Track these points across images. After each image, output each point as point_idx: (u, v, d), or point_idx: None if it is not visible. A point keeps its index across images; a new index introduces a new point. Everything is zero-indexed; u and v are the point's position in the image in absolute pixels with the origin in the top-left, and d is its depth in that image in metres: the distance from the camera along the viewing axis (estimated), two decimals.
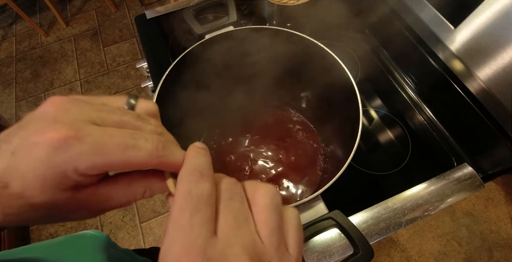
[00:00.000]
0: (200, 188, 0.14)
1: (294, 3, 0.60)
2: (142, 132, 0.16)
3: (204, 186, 0.15)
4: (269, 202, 0.16)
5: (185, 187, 0.14)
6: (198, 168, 0.15)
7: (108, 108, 0.16)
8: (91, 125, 0.14)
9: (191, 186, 0.14)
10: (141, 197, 0.17)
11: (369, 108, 0.59)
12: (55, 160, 0.13)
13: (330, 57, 0.41)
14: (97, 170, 0.14)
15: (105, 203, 0.16)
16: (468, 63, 0.44)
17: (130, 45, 1.70)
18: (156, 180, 0.17)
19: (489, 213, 1.15)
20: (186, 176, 0.15)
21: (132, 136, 0.15)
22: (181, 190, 0.14)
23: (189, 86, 0.45)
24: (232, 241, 0.14)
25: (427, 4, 0.48)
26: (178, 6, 0.73)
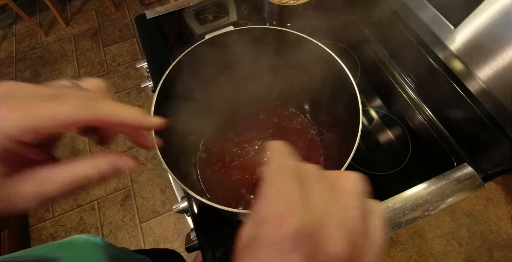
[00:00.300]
0: (291, 163, 0.16)
1: (294, 3, 0.60)
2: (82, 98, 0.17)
3: (294, 163, 0.16)
4: (356, 187, 0.16)
5: (278, 161, 0.16)
6: (286, 151, 0.17)
7: (49, 85, 0.17)
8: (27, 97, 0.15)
9: (283, 161, 0.16)
10: (84, 180, 0.17)
11: (369, 108, 0.59)
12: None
13: (330, 57, 0.41)
14: (28, 133, 0.15)
15: (48, 186, 0.16)
16: (468, 63, 0.44)
17: (130, 45, 1.70)
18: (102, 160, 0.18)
19: (489, 213, 1.15)
20: (276, 154, 0.17)
21: (60, 97, 0.16)
22: (276, 163, 0.16)
23: (189, 86, 0.45)
24: (324, 215, 0.14)
25: (427, 4, 0.48)
26: (178, 6, 0.73)
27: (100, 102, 0.17)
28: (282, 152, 0.17)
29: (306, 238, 0.13)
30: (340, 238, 0.13)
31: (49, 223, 1.24)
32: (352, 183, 0.16)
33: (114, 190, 1.29)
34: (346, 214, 0.15)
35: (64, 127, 0.16)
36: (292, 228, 0.13)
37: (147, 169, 1.33)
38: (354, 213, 0.15)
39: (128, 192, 1.28)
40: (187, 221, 1.19)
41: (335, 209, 0.15)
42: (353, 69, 0.63)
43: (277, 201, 0.14)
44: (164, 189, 1.28)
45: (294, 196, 0.14)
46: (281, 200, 0.14)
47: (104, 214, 1.24)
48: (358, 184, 0.16)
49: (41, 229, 1.23)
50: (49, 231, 1.23)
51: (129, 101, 1.52)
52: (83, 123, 0.16)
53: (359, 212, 0.15)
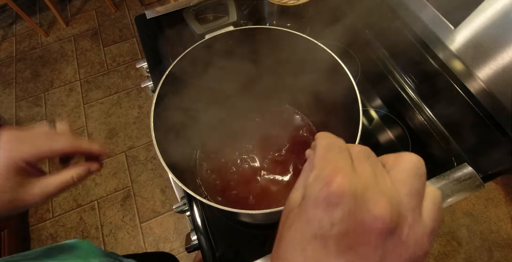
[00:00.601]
0: (341, 142, 0.17)
1: (294, 3, 0.60)
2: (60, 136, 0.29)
3: (343, 142, 0.17)
4: (411, 167, 0.16)
5: (328, 140, 0.17)
6: (334, 136, 0.18)
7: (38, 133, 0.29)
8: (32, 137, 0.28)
9: (334, 140, 0.17)
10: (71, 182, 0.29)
11: (369, 108, 0.59)
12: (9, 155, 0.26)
13: (330, 57, 0.41)
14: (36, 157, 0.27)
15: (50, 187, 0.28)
16: (468, 63, 0.44)
17: (130, 45, 1.70)
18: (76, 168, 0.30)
19: (489, 213, 1.15)
20: (323, 137, 0.18)
21: (52, 137, 0.29)
22: (326, 141, 0.17)
23: (189, 86, 0.45)
24: (372, 183, 0.14)
25: (427, 4, 0.48)
26: (178, 6, 0.73)
27: (79, 141, 0.30)
28: (331, 136, 0.18)
29: (352, 197, 0.13)
30: (384, 203, 0.13)
31: (49, 223, 1.24)
32: (408, 164, 0.16)
33: (114, 190, 1.29)
34: (395, 188, 0.14)
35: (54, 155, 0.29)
36: (341, 186, 0.13)
37: (147, 169, 1.33)
38: (405, 188, 0.14)
39: (128, 192, 1.28)
40: (187, 221, 1.19)
41: (385, 182, 0.15)
42: (353, 69, 0.63)
43: (328, 166, 0.15)
44: (164, 189, 1.28)
45: (345, 163, 0.15)
46: (332, 165, 0.15)
47: (104, 214, 1.25)
48: (414, 165, 0.16)
49: (41, 229, 1.23)
50: (49, 231, 1.23)
51: (129, 101, 1.52)
52: (65, 153, 0.29)
53: (409, 188, 0.15)
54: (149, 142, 1.40)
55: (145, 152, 1.37)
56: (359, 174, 0.15)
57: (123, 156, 1.37)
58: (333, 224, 0.13)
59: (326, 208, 0.14)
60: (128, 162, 1.35)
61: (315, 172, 0.15)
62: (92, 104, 1.52)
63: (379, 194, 0.14)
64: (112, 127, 1.45)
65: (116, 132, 1.44)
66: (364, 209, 0.13)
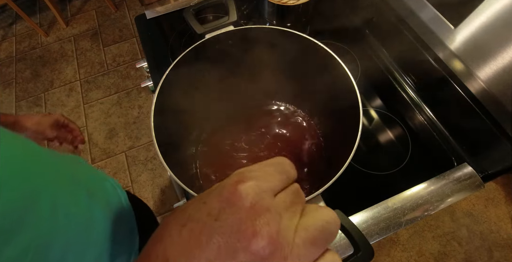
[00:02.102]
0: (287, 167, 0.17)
1: (294, 3, 0.60)
2: None
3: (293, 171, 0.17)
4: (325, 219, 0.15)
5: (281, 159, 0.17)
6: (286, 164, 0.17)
7: None
8: None
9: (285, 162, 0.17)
10: None
11: (369, 108, 0.59)
12: None
13: (330, 57, 0.41)
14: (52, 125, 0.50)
15: None
16: (468, 63, 0.44)
17: (130, 45, 1.70)
18: None
19: (489, 213, 1.15)
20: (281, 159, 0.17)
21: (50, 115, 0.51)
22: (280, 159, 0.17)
23: (189, 86, 0.45)
24: (276, 208, 0.14)
25: (427, 4, 0.48)
26: (178, 6, 0.73)
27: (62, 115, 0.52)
28: (285, 161, 0.17)
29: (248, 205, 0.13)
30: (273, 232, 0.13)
31: None
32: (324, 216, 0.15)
33: None
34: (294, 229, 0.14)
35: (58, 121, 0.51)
36: (248, 190, 0.13)
37: (147, 169, 1.33)
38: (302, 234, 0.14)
39: None
40: None
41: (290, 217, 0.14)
42: (353, 69, 0.63)
43: (257, 174, 0.15)
44: (164, 189, 1.28)
45: (272, 182, 0.15)
46: (262, 176, 0.15)
47: None
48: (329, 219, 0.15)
49: None
50: None
51: (129, 101, 1.52)
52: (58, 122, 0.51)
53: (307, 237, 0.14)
54: (149, 142, 1.40)
55: (145, 152, 1.37)
56: (274, 197, 0.14)
57: (123, 156, 1.37)
58: (217, 218, 0.13)
59: (223, 201, 0.14)
60: (128, 162, 1.35)
61: (243, 170, 0.15)
62: (92, 104, 1.52)
63: (273, 219, 0.13)
64: (112, 127, 1.45)
65: (116, 132, 1.44)
66: (250, 223, 0.13)
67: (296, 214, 0.14)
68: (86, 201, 0.28)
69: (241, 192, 0.13)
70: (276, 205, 0.14)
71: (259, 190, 0.14)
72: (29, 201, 0.20)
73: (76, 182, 0.28)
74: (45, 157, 0.25)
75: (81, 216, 0.26)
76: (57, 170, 0.26)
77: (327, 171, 0.49)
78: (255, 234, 0.13)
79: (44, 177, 0.23)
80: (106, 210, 0.31)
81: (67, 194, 0.25)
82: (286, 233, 0.13)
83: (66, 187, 0.26)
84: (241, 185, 0.14)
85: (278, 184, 0.15)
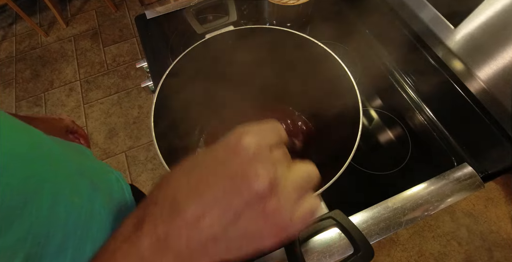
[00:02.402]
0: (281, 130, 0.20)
1: (294, 3, 0.60)
2: None
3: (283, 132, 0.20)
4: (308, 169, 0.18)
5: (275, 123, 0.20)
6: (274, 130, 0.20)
7: None
8: None
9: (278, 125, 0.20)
10: None
11: (369, 108, 0.59)
12: None
13: (330, 57, 0.41)
14: None
15: None
16: (468, 63, 0.44)
17: (130, 45, 1.70)
18: None
19: (489, 213, 1.15)
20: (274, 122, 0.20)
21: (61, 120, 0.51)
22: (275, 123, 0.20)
23: (189, 86, 0.45)
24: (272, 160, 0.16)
25: (427, 4, 0.48)
26: (178, 6, 0.73)
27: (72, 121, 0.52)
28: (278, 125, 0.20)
29: (251, 155, 0.16)
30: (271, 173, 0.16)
31: None
32: (306, 167, 0.18)
33: None
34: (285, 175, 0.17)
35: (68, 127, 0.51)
36: (250, 143, 0.16)
37: (147, 169, 1.33)
38: (292, 180, 0.17)
39: None
40: None
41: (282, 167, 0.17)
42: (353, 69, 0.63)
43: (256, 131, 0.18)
44: None
45: (270, 139, 0.18)
46: (260, 132, 0.17)
47: None
48: (310, 170, 0.18)
49: None
50: None
51: (129, 101, 1.52)
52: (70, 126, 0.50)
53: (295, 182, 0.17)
54: (149, 142, 1.40)
55: (145, 152, 1.37)
56: (271, 153, 0.17)
57: (123, 156, 1.37)
58: (224, 164, 0.16)
59: (228, 150, 0.16)
60: (128, 162, 1.35)
61: (245, 128, 0.18)
62: (92, 104, 1.52)
63: (271, 167, 0.16)
64: (112, 127, 1.45)
65: (116, 132, 1.44)
66: (253, 168, 0.15)
67: (286, 166, 0.17)
68: (88, 193, 0.28)
69: (244, 143, 0.16)
70: (272, 157, 0.17)
71: (260, 143, 0.16)
72: (31, 188, 0.20)
73: (80, 173, 0.28)
74: (51, 146, 0.25)
75: (82, 208, 0.26)
76: (62, 160, 0.26)
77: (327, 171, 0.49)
78: (257, 177, 0.15)
79: (48, 165, 0.23)
80: (108, 203, 0.31)
81: (70, 184, 0.25)
82: (280, 179, 0.16)
83: (69, 177, 0.26)
84: (244, 138, 0.16)
85: (273, 142, 0.18)
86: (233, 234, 0.16)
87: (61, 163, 0.25)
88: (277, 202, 0.16)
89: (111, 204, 0.32)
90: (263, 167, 0.16)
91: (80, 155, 0.34)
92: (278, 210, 0.16)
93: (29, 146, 0.22)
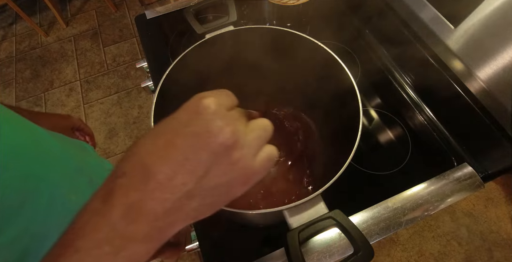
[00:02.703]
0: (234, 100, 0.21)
1: (294, 3, 0.60)
2: None
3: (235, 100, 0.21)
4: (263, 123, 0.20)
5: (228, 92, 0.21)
6: None
7: None
8: None
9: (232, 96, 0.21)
10: None
11: (369, 108, 0.59)
12: None
13: (330, 57, 0.41)
14: None
15: None
16: (468, 63, 0.44)
17: (130, 45, 1.70)
18: None
19: (489, 213, 1.15)
20: None
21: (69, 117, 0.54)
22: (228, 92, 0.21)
23: (189, 86, 0.45)
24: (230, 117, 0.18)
25: (427, 4, 0.48)
26: (178, 6, 0.73)
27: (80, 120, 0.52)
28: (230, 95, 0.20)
29: (212, 115, 0.17)
30: (232, 127, 0.17)
31: None
32: (262, 121, 0.20)
33: None
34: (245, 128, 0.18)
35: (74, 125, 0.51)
36: (209, 103, 0.17)
37: None
38: (251, 132, 0.18)
39: None
40: None
41: (241, 122, 0.18)
42: (353, 69, 0.63)
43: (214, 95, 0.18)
44: None
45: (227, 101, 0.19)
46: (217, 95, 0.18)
47: None
48: (266, 124, 0.20)
49: None
50: None
51: (129, 101, 1.52)
52: None
53: (255, 134, 0.19)
54: None
55: None
56: (230, 112, 0.18)
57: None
58: (187, 125, 0.17)
59: (190, 112, 0.17)
60: None
61: (202, 93, 0.19)
62: (92, 104, 1.52)
63: (231, 122, 0.17)
64: (112, 127, 1.45)
65: (116, 132, 1.44)
66: (216, 124, 0.17)
67: (243, 122, 0.19)
68: (87, 190, 0.28)
69: (204, 104, 0.17)
70: (231, 114, 0.18)
71: (218, 103, 0.17)
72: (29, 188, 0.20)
73: (79, 170, 0.28)
74: (50, 143, 0.26)
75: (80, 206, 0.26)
76: (61, 157, 0.26)
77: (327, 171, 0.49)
78: (221, 130, 0.16)
79: (47, 164, 0.23)
80: None
81: (68, 181, 0.25)
82: (241, 131, 0.18)
83: (68, 175, 0.26)
84: (204, 99, 0.17)
85: (229, 103, 0.19)
86: (206, 186, 0.16)
87: (60, 160, 0.25)
88: (240, 151, 0.17)
89: None
90: (225, 122, 0.17)
91: (81, 152, 0.34)
92: (243, 158, 0.17)
93: (29, 143, 0.22)
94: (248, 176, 0.18)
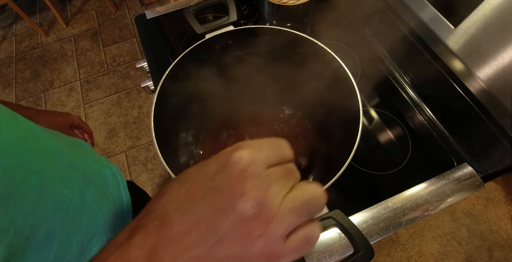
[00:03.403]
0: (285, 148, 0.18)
1: (294, 3, 0.60)
2: None
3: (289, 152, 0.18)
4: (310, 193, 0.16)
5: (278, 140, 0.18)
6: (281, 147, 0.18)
7: None
8: None
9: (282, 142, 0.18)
10: None
11: (369, 108, 0.59)
12: None
13: (330, 57, 0.41)
14: None
15: None
16: (468, 63, 0.44)
17: (130, 45, 1.70)
18: None
19: (489, 213, 1.15)
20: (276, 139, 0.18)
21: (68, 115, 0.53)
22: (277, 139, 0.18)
23: (189, 86, 0.45)
24: (270, 179, 0.15)
25: (427, 4, 0.48)
26: (178, 6, 0.73)
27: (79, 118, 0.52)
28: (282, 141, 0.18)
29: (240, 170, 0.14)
30: (263, 192, 0.14)
31: None
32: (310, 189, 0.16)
33: None
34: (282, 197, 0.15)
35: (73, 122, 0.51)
36: (242, 155, 0.15)
37: (147, 169, 1.33)
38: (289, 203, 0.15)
39: None
40: None
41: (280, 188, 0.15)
42: (353, 69, 0.63)
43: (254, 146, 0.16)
44: None
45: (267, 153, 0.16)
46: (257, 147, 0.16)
47: None
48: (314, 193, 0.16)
49: None
50: None
51: (129, 101, 1.52)
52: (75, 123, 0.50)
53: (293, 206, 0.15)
54: (149, 142, 1.40)
55: (145, 152, 1.37)
56: (266, 168, 0.15)
57: (123, 156, 1.37)
58: (212, 179, 0.15)
59: (219, 164, 0.15)
60: (128, 162, 1.35)
61: (242, 142, 0.16)
62: (92, 104, 1.52)
63: (262, 185, 0.14)
64: (112, 127, 1.45)
65: (116, 132, 1.44)
66: (240, 185, 0.14)
67: (286, 187, 0.15)
68: (79, 185, 0.28)
69: (235, 157, 0.15)
70: (267, 174, 0.15)
71: (252, 157, 0.15)
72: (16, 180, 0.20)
73: (72, 165, 0.28)
74: (41, 138, 0.25)
75: (72, 200, 0.26)
76: (52, 151, 0.26)
77: (327, 171, 0.49)
78: (242, 195, 0.14)
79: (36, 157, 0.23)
80: (101, 197, 0.31)
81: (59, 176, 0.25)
82: (273, 200, 0.14)
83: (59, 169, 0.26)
84: (237, 151, 0.15)
85: (271, 157, 0.16)
86: (218, 255, 0.14)
87: (51, 154, 0.25)
88: (265, 226, 0.14)
89: (104, 198, 0.32)
90: (251, 184, 0.14)
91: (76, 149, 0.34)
92: (266, 235, 0.14)
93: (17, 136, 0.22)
94: (270, 256, 0.15)
